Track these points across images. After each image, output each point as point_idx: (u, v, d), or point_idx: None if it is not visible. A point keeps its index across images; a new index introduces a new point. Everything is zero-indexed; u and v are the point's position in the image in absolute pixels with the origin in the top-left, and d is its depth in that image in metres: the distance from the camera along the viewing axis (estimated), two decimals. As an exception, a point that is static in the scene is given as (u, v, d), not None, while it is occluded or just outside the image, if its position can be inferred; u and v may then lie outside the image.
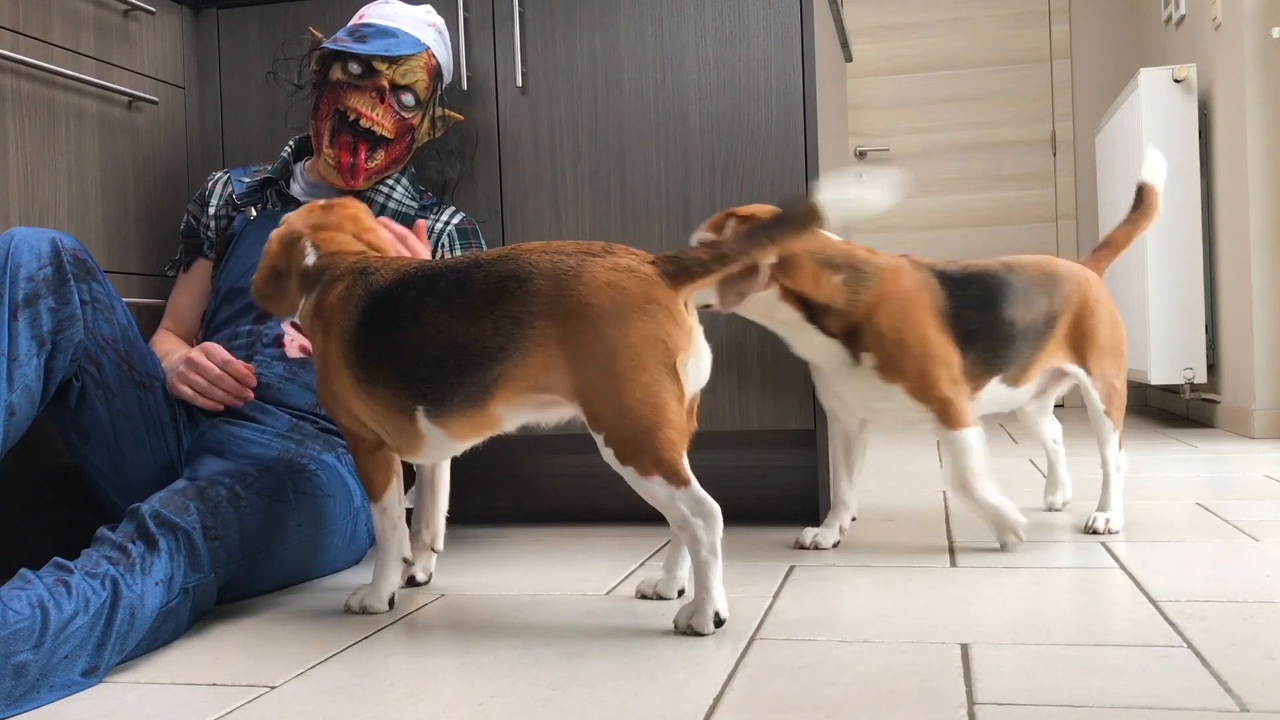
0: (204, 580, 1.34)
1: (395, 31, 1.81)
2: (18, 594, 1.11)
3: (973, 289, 1.66)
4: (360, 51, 1.76)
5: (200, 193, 1.90)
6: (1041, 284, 1.73)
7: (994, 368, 1.68)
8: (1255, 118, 3.22)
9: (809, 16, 1.88)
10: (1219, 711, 0.94)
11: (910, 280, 1.63)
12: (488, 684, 1.10)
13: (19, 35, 1.66)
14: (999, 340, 1.66)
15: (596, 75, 1.96)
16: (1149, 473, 2.50)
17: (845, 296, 1.60)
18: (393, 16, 1.84)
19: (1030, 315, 1.70)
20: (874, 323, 1.60)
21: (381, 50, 1.77)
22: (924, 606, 1.34)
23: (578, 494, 2.10)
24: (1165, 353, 3.57)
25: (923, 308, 1.62)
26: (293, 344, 1.74)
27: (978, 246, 4.91)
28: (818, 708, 0.99)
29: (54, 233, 1.44)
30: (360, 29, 1.81)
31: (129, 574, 1.22)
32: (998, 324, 1.66)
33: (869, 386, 1.63)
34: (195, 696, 1.10)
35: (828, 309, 1.61)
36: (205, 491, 1.40)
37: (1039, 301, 1.71)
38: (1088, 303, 1.76)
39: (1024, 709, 0.96)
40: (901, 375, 1.60)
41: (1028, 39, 4.90)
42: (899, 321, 1.60)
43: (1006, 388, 1.71)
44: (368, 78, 1.78)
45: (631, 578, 1.57)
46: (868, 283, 1.61)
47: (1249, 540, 1.67)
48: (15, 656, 1.06)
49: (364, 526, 1.70)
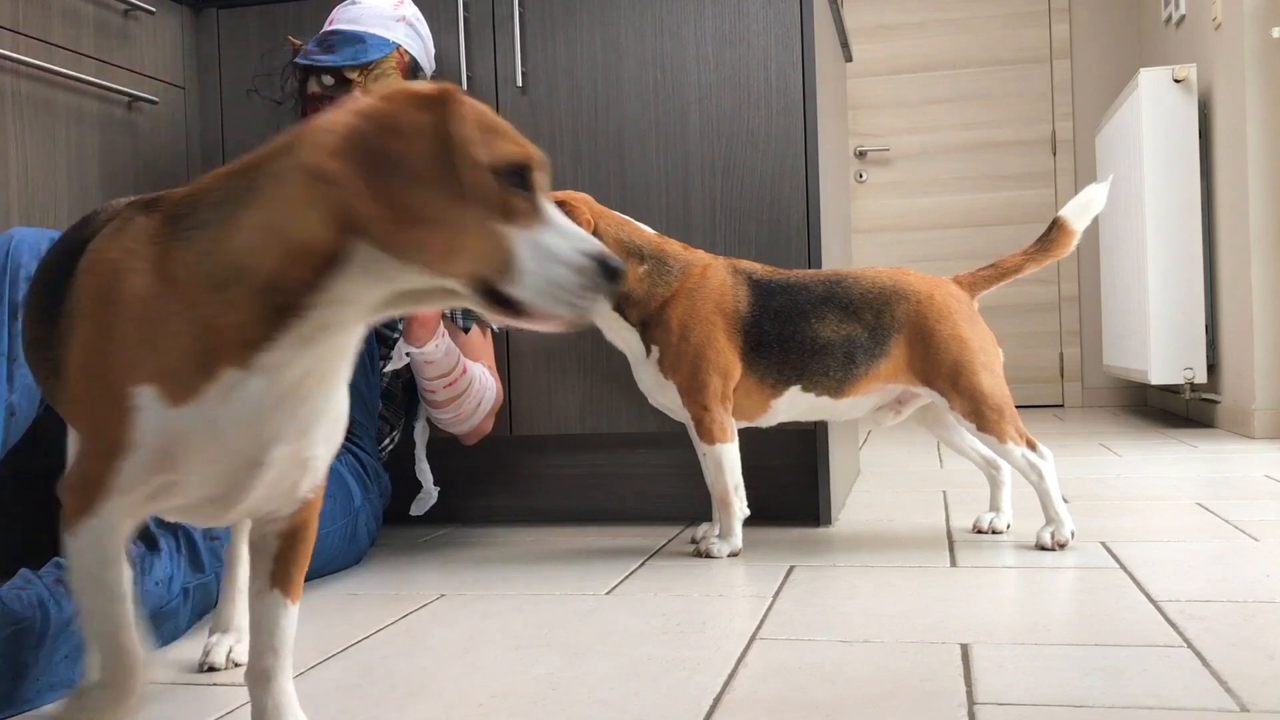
0: (204, 581, 1.34)
1: (362, 35, 1.77)
2: (18, 594, 1.11)
3: (779, 299, 1.68)
4: (328, 63, 1.73)
5: None
6: (871, 301, 1.68)
7: (789, 380, 1.68)
8: (1255, 118, 3.22)
9: (809, 16, 1.89)
10: (1219, 711, 0.94)
11: (715, 282, 1.68)
12: (488, 684, 1.10)
13: (19, 35, 1.66)
14: (795, 353, 1.66)
15: (596, 75, 1.96)
16: (1149, 473, 2.50)
17: (645, 288, 1.67)
18: (359, 18, 1.79)
19: (843, 331, 1.66)
20: (665, 317, 1.67)
21: (350, 60, 1.74)
22: (924, 606, 1.34)
23: (578, 494, 2.10)
24: (1165, 353, 3.57)
25: (716, 311, 1.66)
26: None
27: (978, 246, 4.91)
28: (818, 708, 0.99)
29: (55, 233, 1.43)
30: (327, 37, 1.77)
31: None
32: (796, 336, 1.66)
33: (654, 379, 1.70)
34: (195, 696, 1.10)
35: (628, 297, 1.67)
36: None
37: (860, 318, 1.67)
38: (925, 324, 1.66)
39: (1024, 709, 0.96)
40: (677, 373, 1.67)
41: (1028, 39, 4.90)
42: (687, 320, 1.66)
43: (819, 397, 1.69)
44: (341, 88, 1.75)
45: (631, 578, 1.57)
46: (668, 277, 1.67)
47: (1249, 540, 1.67)
48: (15, 656, 1.06)
49: (363, 526, 1.70)
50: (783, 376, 1.68)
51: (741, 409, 1.71)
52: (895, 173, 5.01)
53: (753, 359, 1.67)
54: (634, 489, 2.07)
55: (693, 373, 1.65)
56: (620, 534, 1.94)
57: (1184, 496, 2.13)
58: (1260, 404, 3.20)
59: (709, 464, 1.69)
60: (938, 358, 1.65)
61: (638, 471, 2.07)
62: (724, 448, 1.68)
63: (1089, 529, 1.81)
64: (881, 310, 1.67)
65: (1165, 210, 3.56)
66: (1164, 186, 3.56)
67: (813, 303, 1.67)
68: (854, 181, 5.05)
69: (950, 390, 1.65)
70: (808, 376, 1.68)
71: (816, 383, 1.68)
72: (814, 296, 1.68)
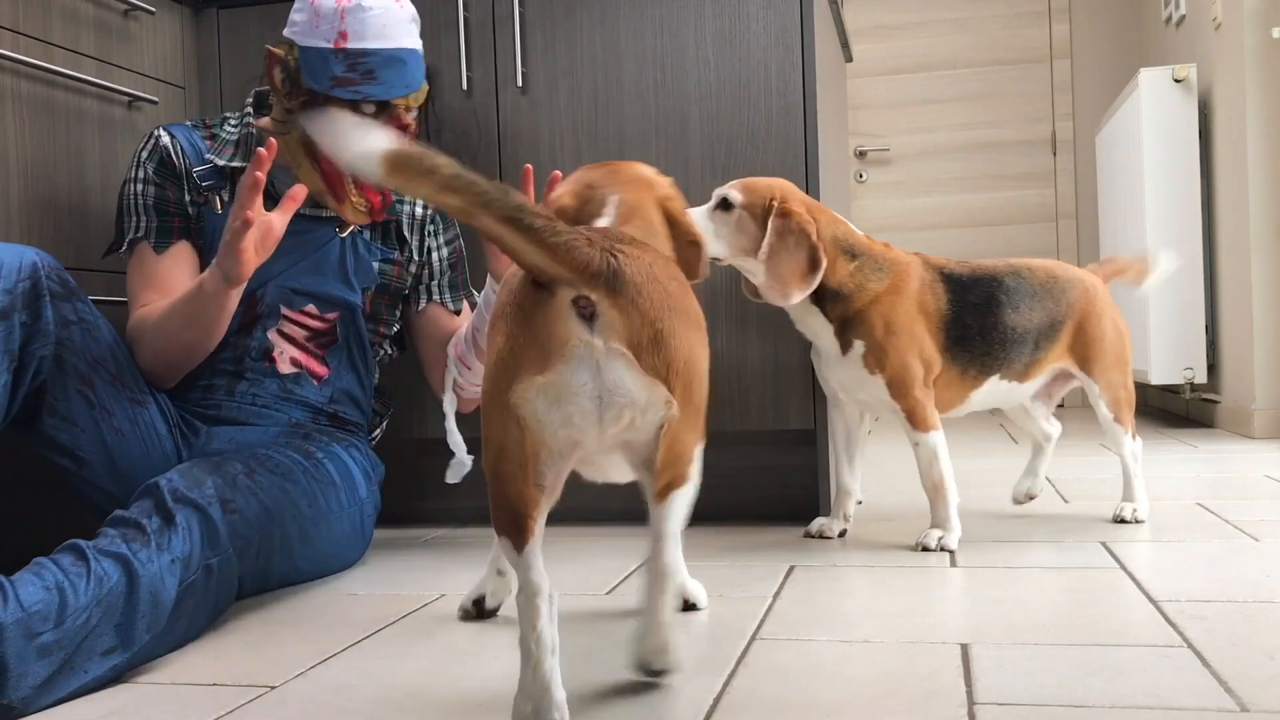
0: (223, 556, 1.34)
1: (400, 55, 1.62)
2: (34, 578, 1.11)
3: (975, 293, 1.73)
4: (380, 97, 1.60)
5: (161, 157, 1.66)
6: (1048, 289, 1.78)
7: (990, 369, 1.75)
8: (1255, 118, 3.22)
9: (809, 17, 1.89)
10: (1219, 711, 0.94)
11: (917, 279, 1.71)
12: (488, 684, 1.10)
13: (19, 35, 1.66)
14: (997, 344, 1.73)
15: (596, 75, 1.96)
16: (1149, 473, 2.50)
17: (853, 284, 1.68)
18: (385, 32, 1.61)
19: (1033, 320, 1.75)
20: (870, 314, 1.68)
21: (403, 91, 1.62)
22: (924, 606, 1.34)
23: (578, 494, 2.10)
24: (1165, 353, 3.57)
25: (919, 309, 1.70)
26: (283, 357, 1.68)
27: (978, 247, 4.91)
28: (818, 708, 0.99)
29: (34, 250, 1.41)
30: (361, 61, 1.59)
31: (144, 550, 1.21)
32: (997, 328, 1.73)
33: (855, 374, 1.71)
34: (195, 696, 1.10)
35: (837, 293, 1.68)
36: (221, 466, 1.42)
37: (1043, 306, 1.76)
38: (1093, 310, 1.81)
39: (1024, 709, 0.96)
40: (884, 368, 1.68)
41: (1028, 39, 4.90)
42: (893, 317, 1.68)
43: (1009, 383, 1.78)
44: (382, 114, 1.63)
45: (632, 578, 1.57)
46: (878, 275, 1.69)
47: (1249, 540, 1.67)
48: (37, 640, 1.07)
49: (369, 518, 1.70)
50: (985, 367, 1.74)
51: (941, 401, 1.75)
52: (895, 173, 5.01)
53: (955, 352, 1.72)
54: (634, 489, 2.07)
55: (902, 367, 1.68)
56: (620, 534, 1.94)
57: (1184, 496, 2.13)
58: (1260, 404, 3.20)
59: (923, 453, 1.72)
60: (1100, 344, 1.80)
61: (638, 471, 2.06)
62: (938, 435, 1.71)
63: (1089, 529, 1.81)
64: (1059, 297, 1.78)
65: (1165, 210, 3.56)
66: (1164, 186, 3.55)
67: (1006, 294, 1.74)
68: (854, 181, 5.05)
69: (1101, 375, 1.81)
70: (1006, 365, 1.75)
71: (1012, 370, 1.76)
72: (1005, 288, 1.74)
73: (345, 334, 1.73)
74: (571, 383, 0.95)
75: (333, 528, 1.61)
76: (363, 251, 1.75)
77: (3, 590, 1.08)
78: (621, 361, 0.96)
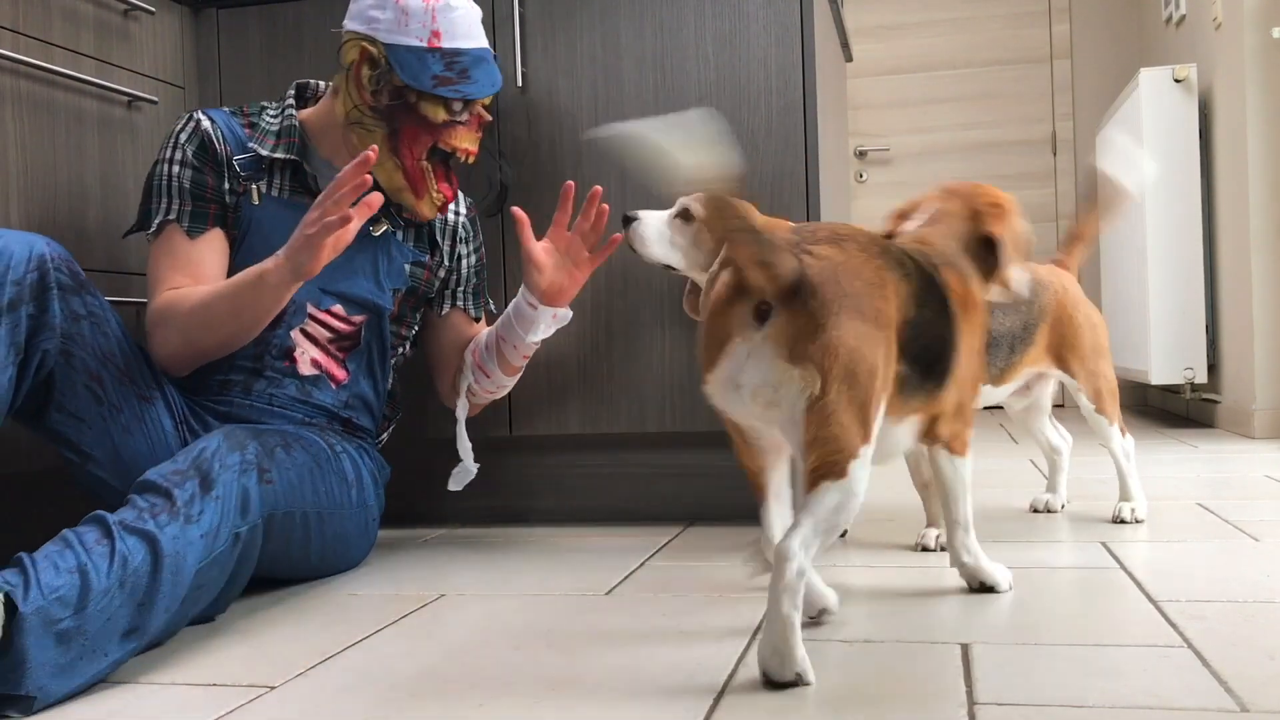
0: (251, 526, 1.35)
1: (486, 55, 1.65)
2: (57, 558, 1.11)
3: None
4: (476, 96, 1.62)
5: (201, 140, 1.62)
6: None
7: None
8: (1255, 118, 3.22)
9: (809, 16, 1.89)
10: (1219, 711, 0.94)
11: None
12: (488, 684, 1.10)
13: (19, 35, 1.66)
14: None
15: (596, 75, 1.96)
16: (1149, 473, 2.49)
17: None
18: (471, 31, 1.64)
19: (1006, 324, 1.74)
20: None
21: (492, 89, 1.64)
22: (924, 606, 1.34)
23: (578, 494, 2.10)
24: (1165, 353, 3.57)
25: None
26: (304, 358, 1.65)
27: (978, 246, 4.91)
28: (818, 708, 0.99)
29: (45, 239, 1.38)
30: (457, 60, 1.61)
31: (172, 524, 1.22)
32: None
33: None
34: (195, 696, 1.10)
35: None
36: (262, 435, 1.44)
37: (1017, 309, 1.76)
38: (1065, 310, 1.80)
39: (1024, 709, 0.96)
40: None
41: (1028, 39, 4.90)
42: None
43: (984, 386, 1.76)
44: (466, 111, 1.65)
45: (631, 578, 1.57)
46: None
47: (1249, 540, 1.67)
48: (57, 627, 1.07)
49: (373, 521, 1.70)
50: None
51: None
52: (896, 173, 5.01)
53: None
54: (634, 489, 2.07)
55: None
56: (620, 534, 1.94)
57: (1184, 496, 2.13)
58: (1260, 404, 3.20)
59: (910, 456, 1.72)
60: (1076, 339, 1.80)
61: (638, 471, 2.07)
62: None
63: (1089, 529, 1.81)
64: (1031, 300, 1.78)
65: (1165, 210, 3.56)
66: (1164, 186, 3.56)
67: None
68: (854, 181, 5.05)
69: (1080, 368, 1.81)
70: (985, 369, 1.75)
71: (987, 374, 1.75)
72: None
73: (368, 338, 1.72)
74: (726, 376, 1.13)
75: (344, 522, 1.61)
76: (395, 252, 1.72)
77: (24, 574, 1.08)
78: (764, 348, 1.09)
